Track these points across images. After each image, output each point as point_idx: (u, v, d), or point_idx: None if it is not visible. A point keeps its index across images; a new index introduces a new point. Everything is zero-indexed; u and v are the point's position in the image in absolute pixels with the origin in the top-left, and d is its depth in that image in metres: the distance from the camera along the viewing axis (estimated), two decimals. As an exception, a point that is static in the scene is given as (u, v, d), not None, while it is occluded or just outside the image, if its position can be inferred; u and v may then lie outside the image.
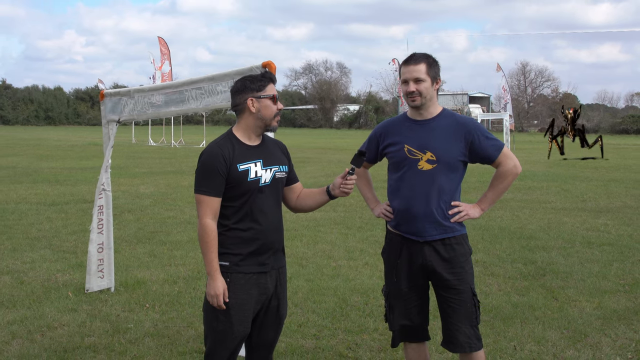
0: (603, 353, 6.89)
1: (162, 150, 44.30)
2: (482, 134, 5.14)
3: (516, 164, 5.21)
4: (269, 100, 4.74)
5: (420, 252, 5.14)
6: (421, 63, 5.05)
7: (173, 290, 9.12)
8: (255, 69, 6.01)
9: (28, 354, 6.78)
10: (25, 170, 26.93)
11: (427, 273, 5.19)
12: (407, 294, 5.27)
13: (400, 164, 5.19)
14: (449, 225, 5.13)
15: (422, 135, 5.12)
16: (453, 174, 5.12)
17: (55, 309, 8.25)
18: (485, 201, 5.30)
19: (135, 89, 8.23)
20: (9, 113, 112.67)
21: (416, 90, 5.03)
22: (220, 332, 4.73)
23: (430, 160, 5.06)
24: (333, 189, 4.95)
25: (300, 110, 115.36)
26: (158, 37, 54.70)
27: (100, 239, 8.77)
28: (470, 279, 5.21)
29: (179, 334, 7.42)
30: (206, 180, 4.65)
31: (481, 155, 5.15)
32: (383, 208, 5.38)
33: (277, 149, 5.04)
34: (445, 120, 5.16)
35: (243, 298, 4.70)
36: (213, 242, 4.65)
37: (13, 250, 11.53)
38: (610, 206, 17.66)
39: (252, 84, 4.76)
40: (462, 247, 5.20)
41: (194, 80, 7.27)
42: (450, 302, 5.17)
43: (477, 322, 5.23)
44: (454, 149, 5.07)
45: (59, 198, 18.46)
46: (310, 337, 7.34)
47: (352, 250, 11.82)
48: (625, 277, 9.94)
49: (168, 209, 16.65)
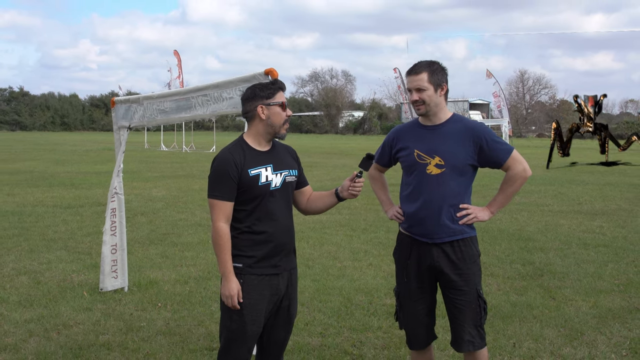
0: (598, 350, 6.88)
1: (174, 155, 44.32)
2: (491, 138, 5.10)
3: (525, 168, 5.18)
4: (278, 107, 4.73)
5: (429, 254, 5.12)
6: (422, 72, 5.02)
7: (184, 290, 9.12)
8: (258, 76, 6.00)
9: (45, 352, 6.79)
10: (42, 174, 26.98)
11: (435, 274, 5.17)
12: (417, 294, 5.25)
13: (411, 168, 5.17)
14: (457, 227, 5.09)
15: (431, 140, 5.10)
16: (461, 177, 5.08)
17: (71, 308, 8.26)
18: (494, 204, 5.28)
19: (144, 96, 8.24)
20: (26, 119, 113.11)
21: (419, 99, 5.02)
22: (233, 331, 4.73)
23: (438, 164, 5.03)
24: (341, 191, 4.94)
25: (306, 117, 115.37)
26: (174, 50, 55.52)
27: (113, 240, 8.77)
28: (476, 280, 5.18)
29: (190, 332, 7.43)
30: (219, 185, 4.65)
31: (490, 159, 5.11)
32: (395, 210, 5.36)
33: (287, 154, 5.03)
34: (454, 125, 5.13)
35: (256, 299, 4.69)
36: (226, 244, 4.64)
37: (30, 251, 11.55)
38: (606, 209, 17.65)
39: (262, 91, 4.75)
40: (470, 249, 5.17)
41: (200, 87, 7.27)
42: (456, 303, 5.16)
43: (482, 322, 5.22)
44: (463, 153, 5.04)
45: (74, 201, 18.51)
46: (316, 335, 7.34)
47: (356, 251, 11.81)
48: (620, 277, 9.93)
49: (179, 212, 16.66)
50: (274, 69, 5.84)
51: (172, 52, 56.23)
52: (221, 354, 4.85)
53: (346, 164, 34.19)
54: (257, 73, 6.09)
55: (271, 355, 5.04)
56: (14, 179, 24.78)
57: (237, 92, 6.54)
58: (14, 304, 8.42)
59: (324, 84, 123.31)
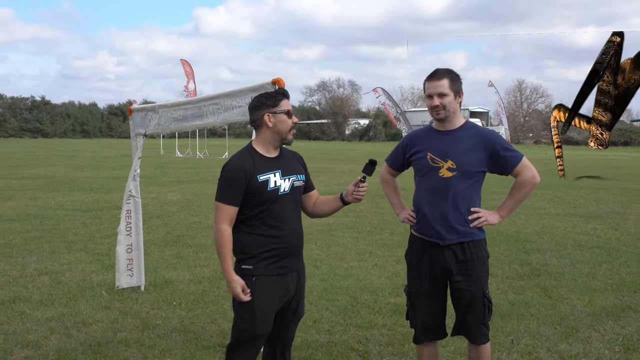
0: (593, 347, 6.87)
1: (188, 161, 44.35)
2: (502, 146, 5.08)
3: (535, 175, 5.13)
4: (284, 114, 4.72)
5: (441, 255, 5.10)
6: (444, 78, 5.01)
7: (198, 289, 9.14)
8: (266, 85, 6.02)
9: (65, 348, 6.80)
10: (62, 179, 27.02)
11: (446, 274, 5.17)
12: (428, 294, 5.23)
13: (423, 171, 5.15)
14: (467, 230, 5.08)
15: (444, 145, 5.08)
16: (472, 181, 5.05)
17: (90, 307, 8.28)
18: (504, 209, 5.25)
19: (159, 105, 8.24)
20: (47, 127, 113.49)
21: (440, 104, 4.99)
22: (243, 330, 4.72)
23: (450, 168, 5.02)
24: (346, 196, 4.94)
25: (314, 124, 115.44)
26: (180, 59, 55.15)
27: (128, 240, 8.76)
28: (483, 281, 5.17)
29: (204, 330, 7.44)
30: (227, 190, 4.65)
31: (501, 165, 5.09)
32: (407, 213, 5.34)
33: (294, 159, 5.02)
34: (467, 131, 5.12)
35: (266, 299, 4.68)
36: (228, 245, 4.65)
37: (51, 253, 11.58)
38: (599, 212, 17.62)
39: (268, 100, 4.76)
40: (479, 251, 5.15)
41: (211, 96, 7.27)
42: (464, 302, 5.16)
43: (487, 320, 5.21)
44: (474, 159, 5.02)
45: (93, 205, 18.55)
46: (324, 332, 7.35)
47: (362, 252, 11.81)
48: (613, 277, 9.92)
49: (193, 215, 16.69)
50: (280, 79, 5.85)
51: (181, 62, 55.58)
52: (230, 349, 4.85)
53: (352, 170, 34.21)
54: (265, 82, 6.10)
55: (279, 351, 5.05)
56: (36, 183, 24.83)
57: (246, 100, 6.55)
58: (36, 302, 8.44)
59: (331, 93, 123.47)
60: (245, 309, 4.68)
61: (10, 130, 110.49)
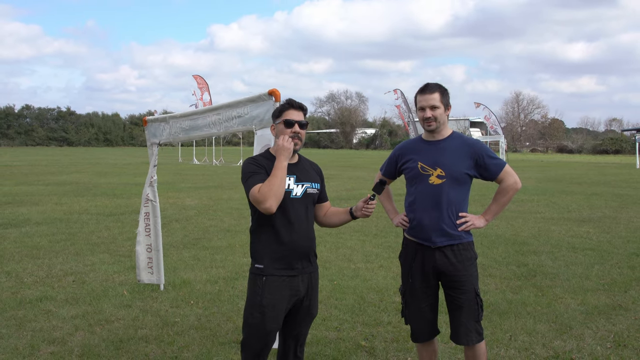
0: (586, 343, 6.85)
1: (205, 168, 44.45)
2: (486, 154, 5.11)
3: (516, 181, 5.18)
4: (282, 125, 4.72)
5: (432, 257, 5.10)
6: (435, 92, 5.04)
7: (214, 289, 9.14)
8: (263, 96, 6.08)
9: (89, 344, 6.82)
10: (86, 185, 27.11)
11: (438, 275, 5.17)
12: (420, 293, 5.23)
13: (414, 179, 5.16)
14: (457, 233, 5.08)
15: (433, 154, 5.10)
16: (460, 187, 5.07)
17: (112, 305, 8.30)
18: (489, 213, 5.27)
19: (170, 116, 8.26)
20: (72, 136, 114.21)
21: (432, 116, 5.02)
22: (252, 326, 4.71)
23: (439, 175, 5.03)
24: (356, 211, 4.92)
25: (324, 134, 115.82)
26: (193, 75, 55.52)
27: (147, 240, 8.76)
28: (474, 281, 5.17)
29: (220, 327, 7.44)
30: (249, 173, 4.58)
31: (485, 172, 5.11)
32: (401, 218, 5.35)
33: (312, 169, 4.99)
34: (454, 141, 5.14)
35: (276, 298, 4.65)
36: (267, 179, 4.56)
37: (76, 255, 11.61)
38: (592, 216, 17.58)
39: (275, 111, 4.78)
40: (469, 252, 5.15)
41: (214, 107, 7.28)
42: (456, 301, 5.14)
43: (479, 319, 5.20)
44: (461, 166, 5.03)
45: (115, 209, 18.63)
46: (332, 329, 7.34)
47: (369, 254, 11.81)
48: (605, 277, 9.89)
49: (210, 219, 16.71)
50: (276, 89, 5.93)
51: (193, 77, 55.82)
52: (243, 345, 4.86)
53: (360, 176, 34.28)
54: (262, 93, 6.14)
55: (292, 346, 5.04)
56: (61, 189, 24.94)
57: (245, 111, 6.58)
58: (61, 301, 8.47)
59: (339, 104, 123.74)
60: (255, 307, 4.67)
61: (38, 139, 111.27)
